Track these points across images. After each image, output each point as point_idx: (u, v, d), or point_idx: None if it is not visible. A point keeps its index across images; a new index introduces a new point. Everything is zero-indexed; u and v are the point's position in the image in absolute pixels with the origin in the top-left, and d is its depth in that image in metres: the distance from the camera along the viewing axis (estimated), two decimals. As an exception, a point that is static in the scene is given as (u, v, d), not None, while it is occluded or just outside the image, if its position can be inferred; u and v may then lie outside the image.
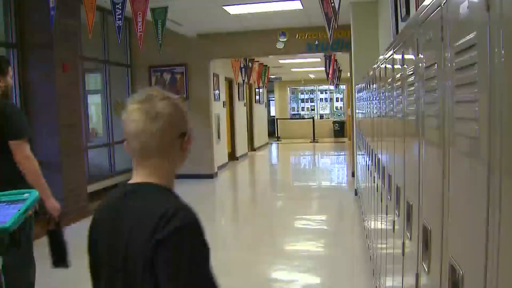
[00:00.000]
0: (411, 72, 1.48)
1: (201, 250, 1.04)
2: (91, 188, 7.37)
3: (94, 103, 9.06)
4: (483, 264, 0.76)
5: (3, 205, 1.66)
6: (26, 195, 1.70)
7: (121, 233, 1.12)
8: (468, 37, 0.85)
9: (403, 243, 1.64)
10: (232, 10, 7.52)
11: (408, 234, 1.52)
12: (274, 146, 17.12)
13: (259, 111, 16.18)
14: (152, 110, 1.14)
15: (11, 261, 2.03)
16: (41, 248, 5.18)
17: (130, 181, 1.20)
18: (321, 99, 21.89)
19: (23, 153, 2.68)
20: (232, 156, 11.96)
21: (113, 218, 1.16)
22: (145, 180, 1.16)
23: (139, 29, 6.38)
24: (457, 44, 0.92)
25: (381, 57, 2.84)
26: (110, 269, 1.15)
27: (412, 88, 1.45)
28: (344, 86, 19.05)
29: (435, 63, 1.12)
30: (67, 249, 2.59)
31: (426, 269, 1.22)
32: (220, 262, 4.28)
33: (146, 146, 1.14)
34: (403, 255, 1.67)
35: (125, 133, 1.17)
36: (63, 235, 2.77)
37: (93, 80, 9.16)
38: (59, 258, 2.60)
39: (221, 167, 10.30)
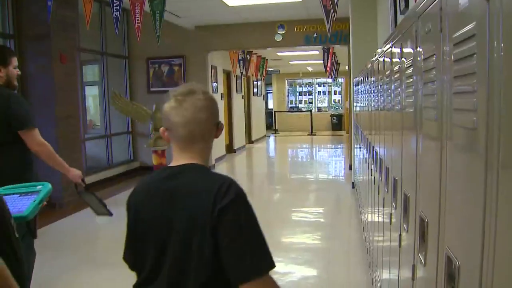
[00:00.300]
0: (410, 64, 1.48)
1: (252, 214, 1.29)
2: (89, 179, 7.37)
3: (92, 94, 9.04)
4: (480, 255, 0.77)
5: (16, 196, 1.71)
6: (39, 187, 1.76)
7: (176, 207, 1.31)
8: (467, 28, 0.84)
9: (400, 235, 1.65)
10: (231, 1, 7.49)
11: (405, 226, 1.52)
12: (271, 139, 17.14)
13: (257, 103, 16.17)
14: (199, 102, 1.35)
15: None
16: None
17: (173, 164, 1.39)
18: (319, 92, 21.87)
19: (35, 141, 2.72)
20: (230, 149, 11.97)
21: (165, 195, 1.34)
22: (189, 162, 1.36)
23: (137, 20, 6.35)
24: (456, 35, 0.91)
25: (379, 49, 2.84)
26: (161, 239, 1.33)
27: (411, 80, 1.45)
28: (342, 79, 19.04)
29: (434, 54, 1.12)
30: (103, 200, 2.78)
31: (423, 261, 1.23)
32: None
33: (193, 133, 1.35)
34: (399, 247, 1.67)
35: (169, 122, 1.35)
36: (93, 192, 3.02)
37: (91, 72, 9.14)
38: (102, 207, 2.75)
39: (218, 159, 10.31)
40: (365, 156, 4.16)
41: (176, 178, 1.35)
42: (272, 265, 1.25)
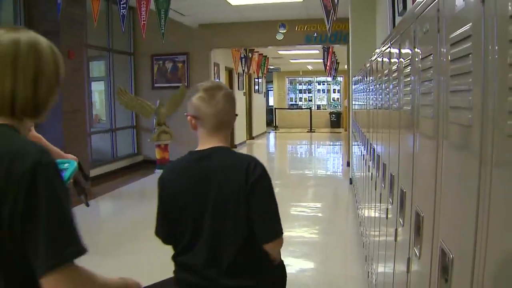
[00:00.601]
0: (407, 64, 1.51)
1: (272, 186, 1.62)
2: (94, 172, 7.43)
3: (98, 90, 9.09)
4: (472, 248, 0.79)
5: None
6: (66, 165, 1.82)
7: (212, 182, 1.55)
8: (463, 29, 0.86)
9: (396, 230, 1.69)
10: (234, 1, 7.52)
11: (401, 221, 1.56)
12: (272, 135, 17.16)
13: (258, 100, 16.19)
14: (227, 95, 1.61)
15: None
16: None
17: (201, 148, 1.61)
18: (318, 90, 21.88)
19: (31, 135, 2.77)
20: (231, 144, 11.96)
21: (200, 173, 1.57)
22: (217, 145, 1.60)
23: (143, 18, 6.39)
24: (453, 36, 0.93)
25: (377, 49, 2.86)
26: (199, 211, 1.55)
27: (408, 79, 1.48)
28: (341, 78, 19.03)
29: (431, 54, 1.14)
30: (87, 189, 2.74)
31: (418, 254, 1.25)
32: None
33: (222, 121, 1.60)
34: (395, 241, 1.70)
35: (200, 112, 1.58)
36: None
37: (97, 68, 9.18)
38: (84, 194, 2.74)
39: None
40: (362, 153, 4.20)
41: (209, 159, 1.59)
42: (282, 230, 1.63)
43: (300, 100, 21.99)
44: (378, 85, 2.58)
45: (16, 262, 1.00)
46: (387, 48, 2.12)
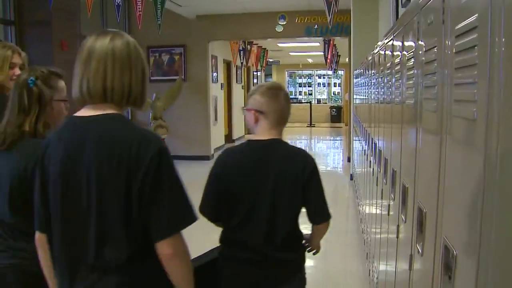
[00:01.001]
0: (411, 57, 1.48)
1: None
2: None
3: (92, 82, 9.01)
4: (477, 243, 0.77)
5: None
6: None
7: (272, 167, 1.76)
8: (469, 20, 0.85)
9: (398, 226, 1.67)
10: (232, -9, 7.45)
11: (403, 217, 1.54)
12: (271, 130, 17.09)
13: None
14: (287, 95, 1.92)
15: None
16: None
17: (260, 138, 1.81)
18: (318, 84, 21.83)
19: None
20: (229, 138, 11.97)
21: (260, 157, 1.79)
22: (274, 137, 1.81)
23: (138, 8, 6.32)
24: (458, 27, 0.92)
25: (380, 42, 2.84)
26: (257, 194, 1.76)
27: (411, 73, 1.46)
28: (342, 71, 18.98)
29: (435, 46, 1.13)
30: None
31: (420, 251, 1.24)
32: (214, 243, 4.29)
33: (282, 117, 1.84)
34: (397, 238, 1.69)
35: (266, 107, 1.80)
36: None
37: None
38: None
39: (217, 149, 10.31)
40: (364, 148, 4.18)
41: (271, 147, 1.81)
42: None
43: (300, 94, 21.95)
44: (380, 79, 2.56)
45: (138, 230, 1.25)
46: (389, 41, 2.09)
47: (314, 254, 2.13)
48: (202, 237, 2.31)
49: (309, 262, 3.95)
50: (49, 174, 1.30)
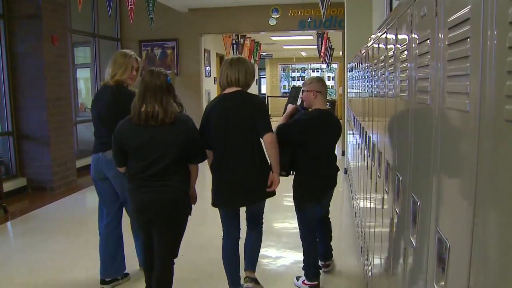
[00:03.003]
0: (404, 49, 1.48)
1: None
2: (80, 163, 7.33)
3: (83, 77, 8.94)
4: (470, 235, 0.78)
5: None
6: None
7: (330, 133, 3.12)
8: (462, 12, 0.85)
9: (392, 219, 1.67)
10: (224, -16, 7.40)
11: (397, 210, 1.54)
12: (264, 124, 17.07)
13: (250, 88, 16.08)
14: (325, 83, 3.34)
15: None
16: (26, 223, 5.18)
17: (322, 108, 3.12)
18: (312, 78, 21.80)
19: None
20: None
21: (325, 117, 3.13)
22: (324, 108, 3.15)
23: (130, 2, 6.26)
24: (451, 19, 0.92)
25: (373, 35, 2.83)
26: (324, 137, 3.09)
27: (405, 65, 1.46)
28: (336, 64, 18.98)
29: (428, 39, 1.12)
30: None
31: (414, 243, 1.24)
32: (209, 238, 4.28)
33: (326, 94, 3.22)
34: (391, 231, 1.69)
35: (321, 89, 3.12)
36: None
37: (82, 54, 9.02)
38: None
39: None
40: (358, 142, 4.18)
41: (333, 116, 3.29)
42: None
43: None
44: (374, 72, 2.55)
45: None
46: (383, 34, 2.08)
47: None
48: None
49: (302, 256, 3.97)
50: (211, 124, 2.77)
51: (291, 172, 3.08)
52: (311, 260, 3.12)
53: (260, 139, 2.76)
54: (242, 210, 3.01)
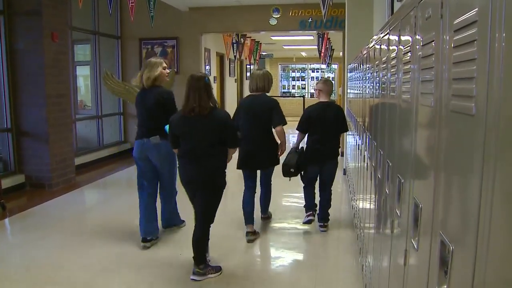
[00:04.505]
0: (407, 51, 1.47)
1: None
2: (79, 160, 7.32)
3: (83, 74, 8.92)
4: (474, 239, 0.77)
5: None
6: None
7: (329, 113, 4.34)
8: (469, 14, 0.84)
9: (392, 221, 1.66)
10: (226, -17, 7.38)
11: (398, 212, 1.53)
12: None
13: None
14: (331, 83, 4.73)
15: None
16: (24, 220, 5.16)
17: (323, 100, 4.40)
18: (312, 78, 21.80)
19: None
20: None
21: (325, 110, 4.33)
22: (330, 101, 4.50)
23: (131, 0, 6.24)
24: (457, 21, 0.91)
25: (375, 36, 2.82)
26: (324, 124, 4.34)
27: (408, 67, 1.45)
28: (336, 65, 18.97)
29: (433, 41, 1.12)
30: None
31: (416, 246, 1.24)
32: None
33: (330, 92, 4.51)
34: (391, 233, 1.69)
35: (321, 87, 4.44)
36: None
37: (82, 51, 9.01)
38: None
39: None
40: (357, 143, 4.18)
41: (331, 105, 4.49)
42: None
43: (293, 88, 21.92)
44: (375, 73, 2.54)
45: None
46: (385, 35, 2.08)
47: None
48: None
49: (302, 257, 3.98)
50: (242, 113, 4.15)
51: (301, 173, 4.45)
52: (307, 201, 4.49)
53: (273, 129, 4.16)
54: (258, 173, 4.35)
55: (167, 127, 3.51)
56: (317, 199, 4.48)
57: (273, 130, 4.13)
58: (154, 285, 3.27)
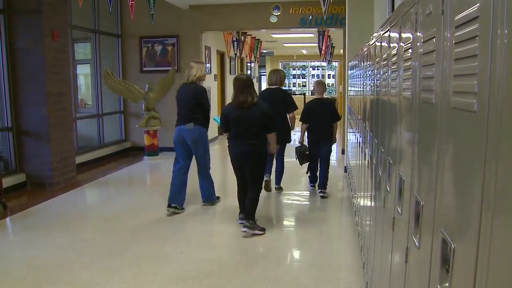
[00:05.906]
0: (408, 48, 1.47)
1: None
2: (80, 159, 7.32)
3: (83, 73, 8.91)
4: (476, 237, 0.77)
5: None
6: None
7: (325, 107, 5.73)
8: (470, 10, 0.84)
9: (394, 219, 1.66)
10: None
11: (399, 210, 1.53)
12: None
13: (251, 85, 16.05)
14: (324, 83, 6.24)
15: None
16: (25, 219, 5.17)
17: (318, 97, 5.77)
18: (312, 75, 21.79)
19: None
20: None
21: (323, 104, 5.75)
22: (323, 97, 5.90)
23: (131, -2, 6.23)
24: (458, 17, 0.90)
25: (376, 33, 2.81)
26: (320, 116, 5.67)
27: (408, 64, 1.44)
28: (337, 62, 18.95)
29: (434, 37, 1.11)
30: None
31: (417, 244, 1.23)
32: (207, 235, 4.29)
33: (323, 90, 5.95)
34: (393, 230, 1.68)
35: (316, 87, 5.95)
36: None
37: (82, 50, 8.99)
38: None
39: (210, 141, 10.26)
40: (358, 140, 4.17)
41: (327, 100, 6.10)
42: None
43: (294, 86, 21.92)
44: (376, 70, 2.54)
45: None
46: (386, 32, 2.07)
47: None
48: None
49: (303, 255, 3.98)
50: (266, 100, 4.78)
51: (305, 161, 5.79)
52: (311, 175, 5.89)
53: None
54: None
55: (216, 118, 4.48)
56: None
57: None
58: (154, 285, 3.28)
